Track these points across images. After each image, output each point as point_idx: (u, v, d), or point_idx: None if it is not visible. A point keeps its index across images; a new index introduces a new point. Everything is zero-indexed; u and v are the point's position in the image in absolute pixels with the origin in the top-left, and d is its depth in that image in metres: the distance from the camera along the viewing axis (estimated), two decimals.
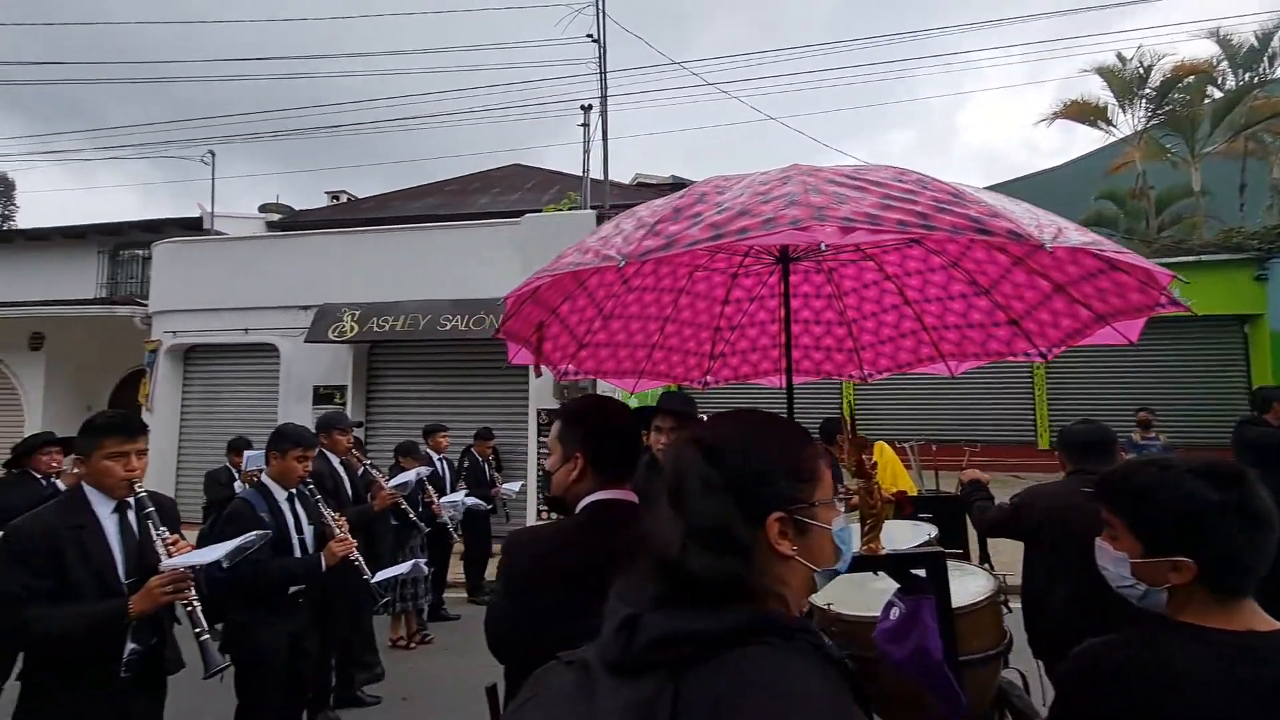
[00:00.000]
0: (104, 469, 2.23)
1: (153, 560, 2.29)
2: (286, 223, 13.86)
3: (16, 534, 2.10)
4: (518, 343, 1.94)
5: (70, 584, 2.09)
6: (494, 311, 7.99)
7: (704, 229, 1.15)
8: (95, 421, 2.32)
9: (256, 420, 8.79)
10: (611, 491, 1.57)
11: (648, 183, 20.68)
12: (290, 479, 3.18)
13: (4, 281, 13.69)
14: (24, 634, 2.01)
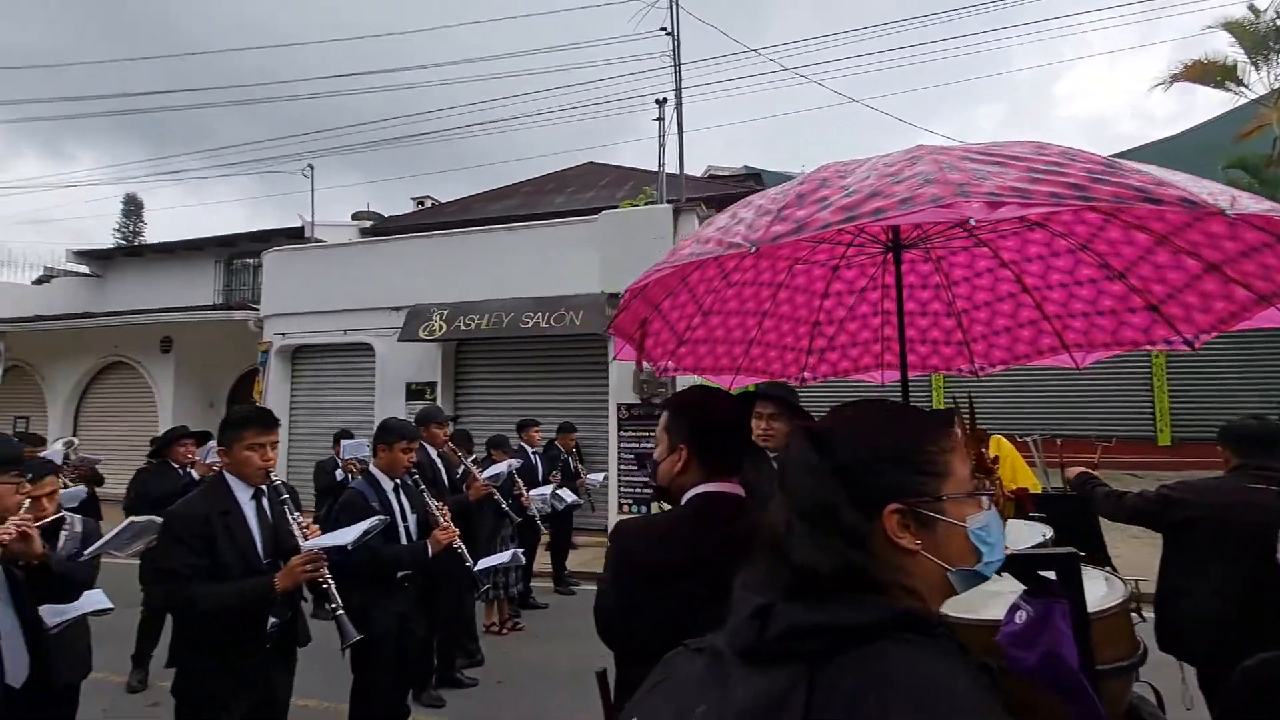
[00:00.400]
0: (244, 459, 2.42)
1: (287, 542, 2.49)
2: (377, 228, 14.64)
3: (177, 519, 2.32)
4: (624, 338, 1.95)
5: (221, 563, 2.30)
6: (573, 308, 8.15)
7: (835, 212, 1.12)
8: (235, 415, 2.52)
9: (356, 414, 9.37)
10: (717, 484, 1.56)
11: (720, 175, 20.48)
12: (396, 469, 3.34)
13: (137, 291, 15.21)
14: (191, 608, 2.23)
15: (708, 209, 8.86)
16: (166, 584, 2.26)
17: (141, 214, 36.12)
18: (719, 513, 1.50)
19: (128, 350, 12.74)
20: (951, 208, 1.01)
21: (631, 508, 8.07)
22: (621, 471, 8.16)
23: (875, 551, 0.76)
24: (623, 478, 8.17)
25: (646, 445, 8.10)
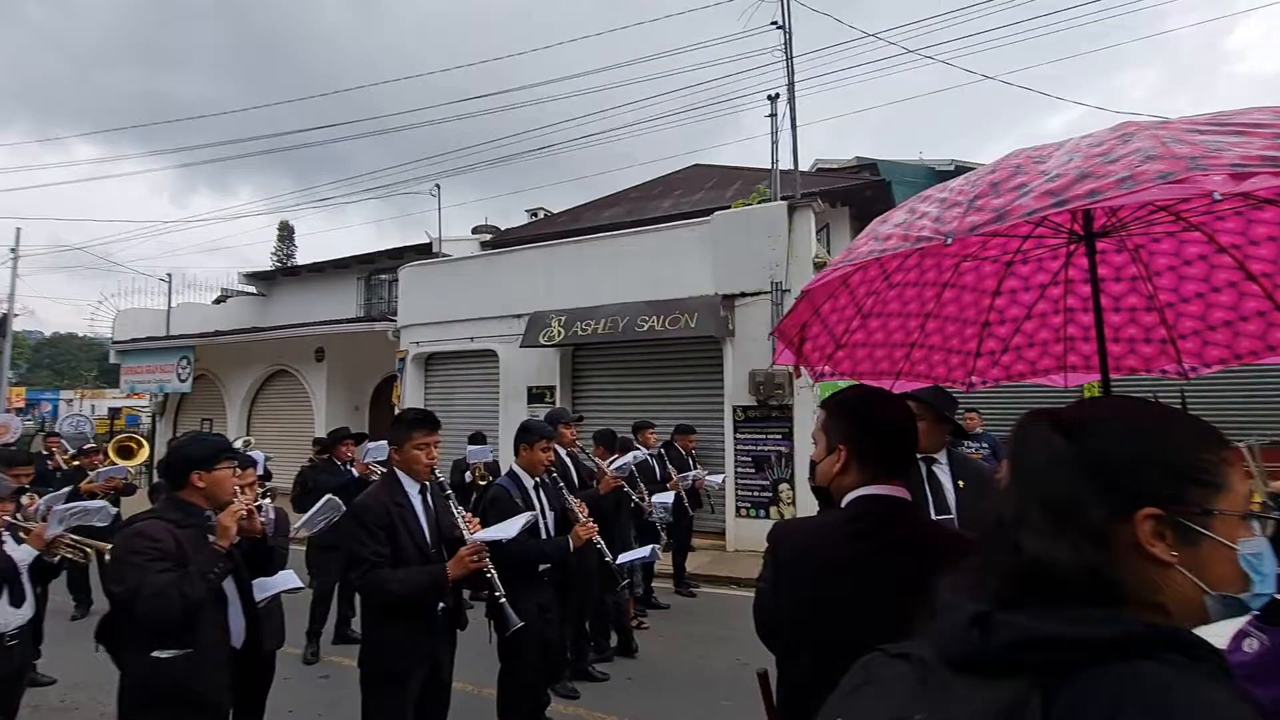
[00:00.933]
0: (413, 457, 2.65)
1: (448, 533, 2.71)
2: (495, 241, 15.50)
3: (364, 510, 2.56)
4: (785, 342, 1.92)
5: (399, 550, 2.53)
6: (688, 310, 8.18)
7: (1039, 198, 1.04)
8: (405, 418, 2.74)
9: (483, 416, 9.95)
10: (880, 487, 1.50)
11: (829, 168, 19.76)
12: (537, 468, 3.50)
13: (295, 306, 17.08)
14: (380, 591, 2.47)
15: (824, 204, 8.58)
16: (359, 569, 2.50)
17: (293, 238, 40.55)
18: (880, 515, 1.45)
19: (289, 360, 14.33)
20: (1185, 183, 0.90)
21: (749, 511, 7.96)
22: (739, 475, 8.08)
23: (1119, 558, 0.68)
24: (740, 481, 8.08)
25: (764, 449, 7.96)
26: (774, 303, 7.98)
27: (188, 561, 2.28)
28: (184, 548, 2.30)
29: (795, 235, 7.99)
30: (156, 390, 15.68)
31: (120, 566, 2.23)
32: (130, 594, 2.17)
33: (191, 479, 2.40)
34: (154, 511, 2.43)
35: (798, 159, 8.90)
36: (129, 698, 2.27)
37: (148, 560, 2.22)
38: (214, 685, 2.35)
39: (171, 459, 2.48)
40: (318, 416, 13.69)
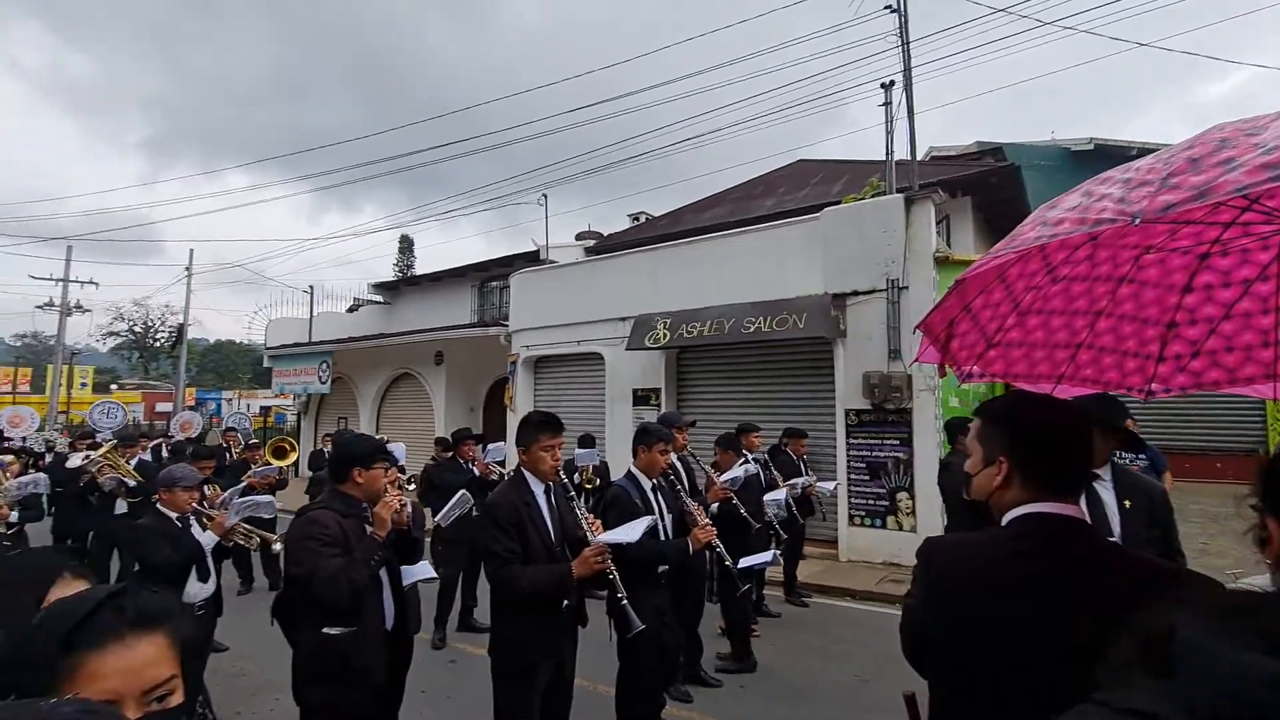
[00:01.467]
0: (539, 458, 2.75)
1: (571, 533, 2.78)
2: (598, 246, 15.85)
3: (496, 508, 2.69)
4: (931, 338, 1.79)
5: (528, 548, 2.63)
6: (796, 311, 7.95)
7: (1251, 172, 0.89)
8: (532, 421, 2.84)
9: (590, 418, 10.19)
10: (1049, 505, 1.35)
11: (945, 155, 18.53)
12: (655, 470, 3.53)
13: (417, 313, 18.35)
14: (511, 586, 2.57)
15: (944, 194, 8.03)
16: (493, 564, 2.62)
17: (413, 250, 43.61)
18: (1047, 534, 1.31)
19: (412, 363, 15.41)
20: None
21: (864, 521, 7.60)
22: (852, 482, 7.73)
23: None
24: (854, 488, 7.74)
25: (880, 455, 7.57)
26: (890, 301, 7.57)
27: (351, 548, 2.49)
28: (348, 535, 2.53)
29: (914, 229, 7.54)
30: (301, 391, 17.39)
31: (298, 550, 2.47)
32: (308, 576, 2.41)
33: (352, 474, 2.65)
34: (322, 502, 2.68)
35: (915, 148, 8.38)
36: (303, 669, 2.51)
37: (320, 545, 2.44)
38: (375, 662, 2.54)
39: (336, 456, 2.74)
40: (437, 416, 14.62)
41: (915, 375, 7.42)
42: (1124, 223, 1.02)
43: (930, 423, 7.32)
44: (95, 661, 0.79)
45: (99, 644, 0.80)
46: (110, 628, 0.81)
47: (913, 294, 7.50)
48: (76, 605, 0.82)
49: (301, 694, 2.54)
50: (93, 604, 0.82)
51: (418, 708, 4.09)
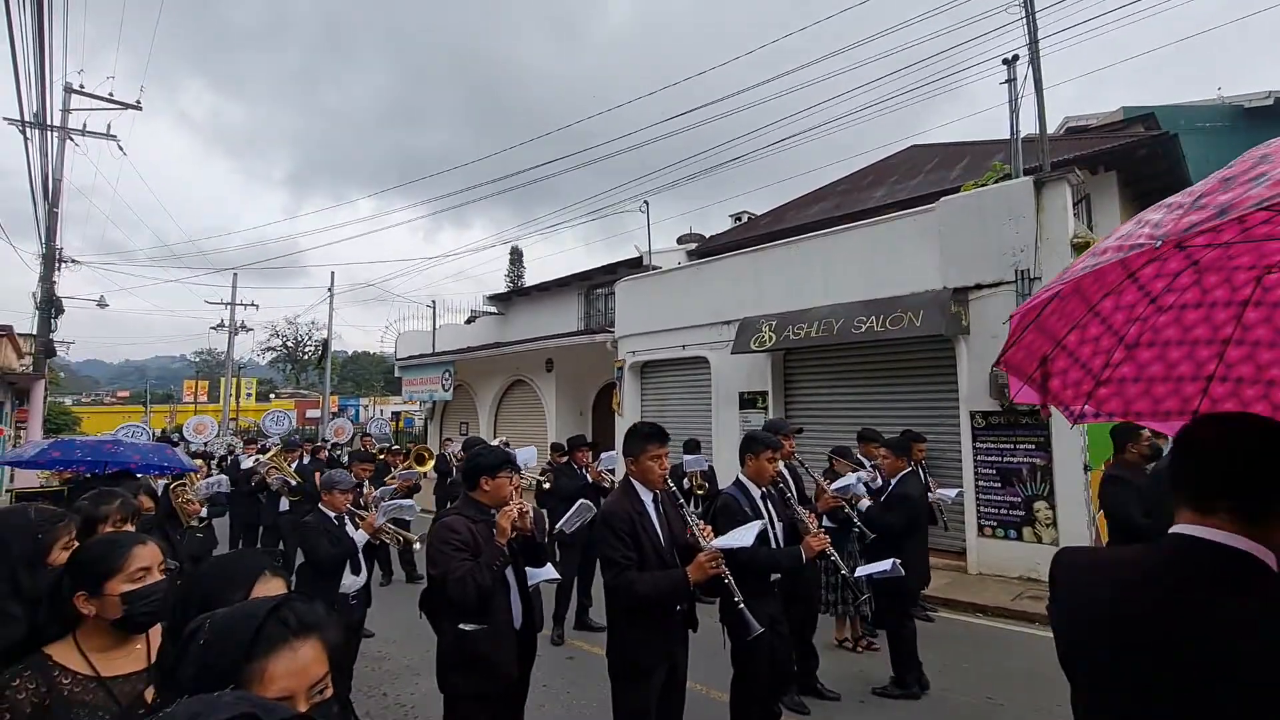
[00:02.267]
0: (648, 468, 2.83)
1: (682, 539, 2.83)
2: (701, 249, 15.85)
3: (612, 517, 2.77)
4: (1019, 377, 1.69)
5: (643, 555, 2.71)
6: (911, 308, 7.53)
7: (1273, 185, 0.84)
8: (640, 431, 2.92)
9: (696, 422, 10.20)
10: (1207, 530, 1.18)
11: (1082, 126, 16.79)
12: (763, 478, 3.49)
13: (528, 322, 19.25)
14: (629, 592, 2.66)
15: (1081, 173, 7.28)
16: (612, 570, 2.72)
17: (522, 261, 45.76)
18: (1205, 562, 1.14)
19: (524, 370, 16.18)
20: None
21: (996, 531, 7.04)
22: (980, 489, 7.19)
23: None
24: (982, 496, 7.19)
25: (1013, 460, 6.99)
26: (1019, 293, 6.98)
27: (480, 551, 2.70)
28: (477, 539, 2.73)
29: (1046, 215, 6.90)
30: (427, 398, 18.78)
31: (434, 552, 2.70)
32: (441, 578, 2.65)
33: (480, 482, 2.86)
34: (456, 508, 2.92)
35: (1044, 124, 7.64)
36: (445, 659, 2.78)
37: (453, 550, 2.66)
38: (506, 657, 2.75)
39: (468, 465, 2.97)
40: (549, 421, 15.24)
41: None
42: (1149, 247, 0.99)
43: (1069, 427, 6.66)
44: (271, 666, 0.92)
45: (272, 651, 0.93)
46: (280, 637, 0.94)
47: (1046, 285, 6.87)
48: (245, 619, 0.95)
49: (444, 680, 2.81)
50: (260, 618, 0.95)
51: (539, 701, 4.30)
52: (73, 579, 1.49)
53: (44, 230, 14.00)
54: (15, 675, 1.38)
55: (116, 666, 1.50)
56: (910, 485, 4.63)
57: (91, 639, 1.49)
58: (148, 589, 1.53)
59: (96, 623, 1.49)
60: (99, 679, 1.46)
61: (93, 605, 1.48)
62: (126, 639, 1.54)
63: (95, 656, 1.48)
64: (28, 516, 1.80)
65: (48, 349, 14.62)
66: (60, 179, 14.01)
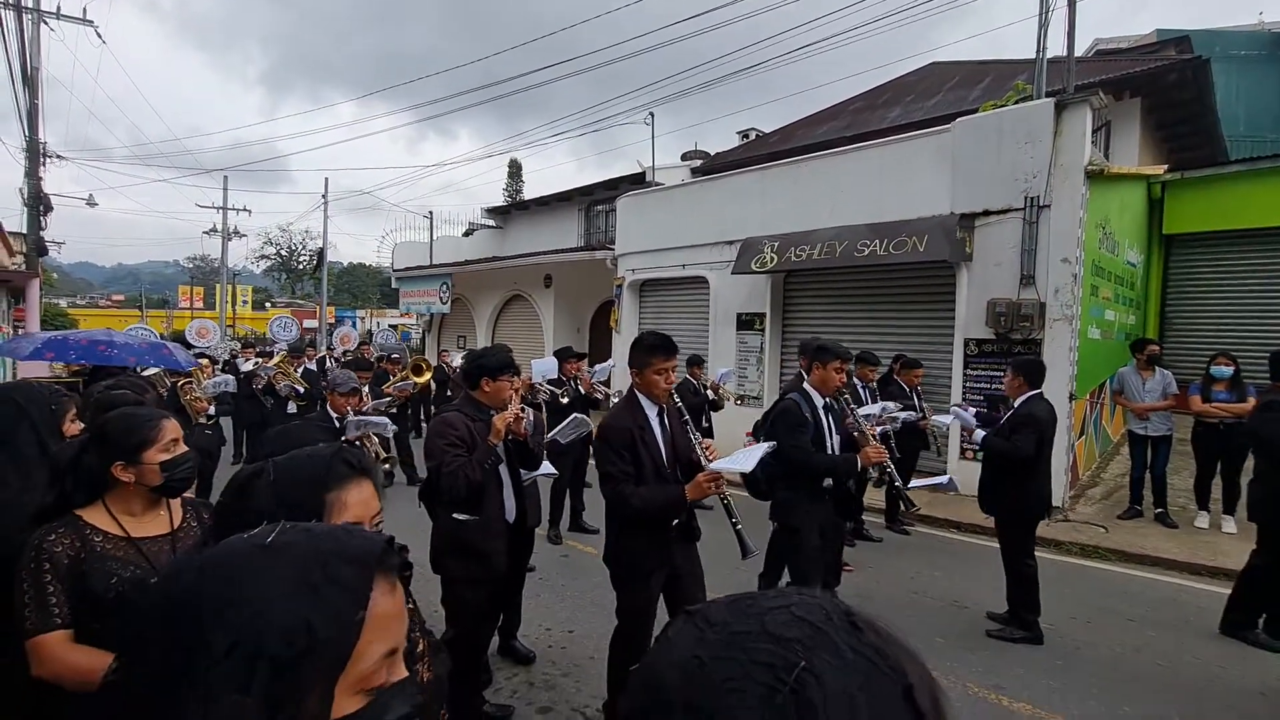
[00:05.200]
0: (652, 381, 2.77)
1: (683, 455, 2.84)
2: (706, 167, 15.39)
3: (610, 431, 2.78)
4: None
5: (640, 469, 2.74)
6: (916, 233, 7.42)
7: None
8: (645, 343, 2.81)
9: (693, 341, 10.27)
10: None
11: (1113, 49, 15.95)
12: (828, 387, 3.47)
13: (527, 237, 18.95)
14: (625, 505, 2.73)
15: (1105, 97, 6.99)
16: (607, 484, 2.76)
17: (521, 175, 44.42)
18: None
19: (523, 286, 16.09)
20: None
21: (977, 454, 7.27)
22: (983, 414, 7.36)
23: None
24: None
25: (999, 387, 7.12)
26: (1026, 220, 6.86)
27: (477, 446, 2.82)
28: (474, 435, 2.85)
29: (1063, 139, 6.68)
30: (425, 310, 18.76)
31: (430, 445, 2.85)
32: (435, 469, 2.78)
33: (481, 383, 2.94)
34: (456, 405, 3.03)
35: (1073, 43, 7.23)
36: (438, 544, 2.99)
37: (447, 444, 2.77)
38: (496, 547, 2.92)
39: (470, 365, 3.03)
40: (546, 337, 15.31)
41: (1050, 303, 6.80)
42: None
43: (1065, 354, 6.75)
44: (344, 495, 1.07)
45: (343, 484, 1.07)
46: (348, 474, 1.09)
47: (1056, 213, 6.75)
48: (313, 460, 1.09)
49: (438, 564, 3.00)
50: (328, 458, 1.10)
51: (535, 591, 4.59)
52: (107, 449, 1.56)
53: (25, 121, 13.47)
54: (51, 531, 1.48)
55: (145, 529, 1.60)
56: (1037, 407, 4.11)
57: (120, 504, 1.58)
58: (181, 457, 1.63)
59: (128, 489, 1.58)
60: (129, 538, 1.56)
61: (130, 473, 1.57)
62: (153, 505, 1.63)
63: (125, 519, 1.58)
64: (38, 388, 1.88)
65: (39, 247, 14.40)
66: (38, 67, 13.32)
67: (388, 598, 0.60)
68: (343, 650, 0.55)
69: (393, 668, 0.61)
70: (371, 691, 0.58)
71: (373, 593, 0.58)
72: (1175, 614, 4.58)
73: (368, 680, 0.57)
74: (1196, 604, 4.75)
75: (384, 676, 0.59)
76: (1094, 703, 3.39)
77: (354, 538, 0.63)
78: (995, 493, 4.17)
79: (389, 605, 0.60)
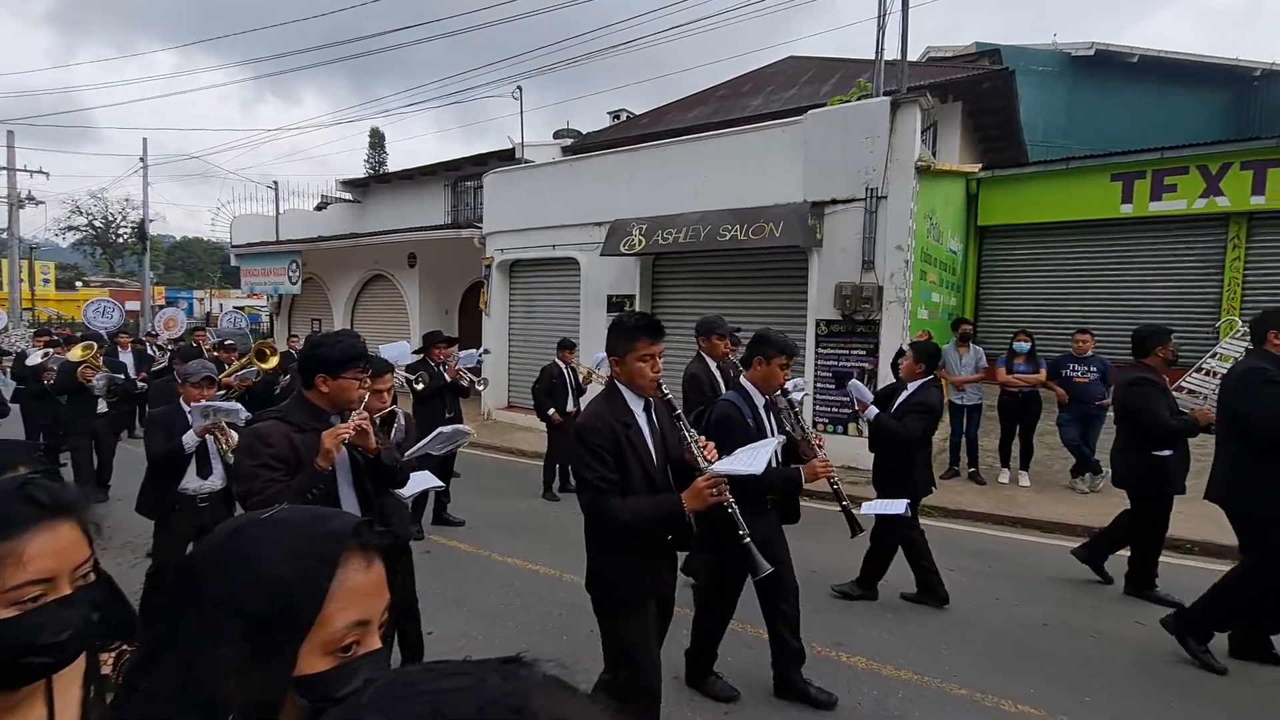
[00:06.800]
0: (637, 370, 2.30)
1: (674, 454, 2.42)
2: (576, 146, 15.20)
3: (589, 432, 2.29)
4: None
5: (627, 475, 2.28)
6: (773, 219, 7.81)
7: None
8: (627, 324, 2.34)
9: (564, 323, 10.18)
10: None
11: (942, 56, 17.66)
12: (772, 385, 3.05)
13: (389, 213, 17.73)
14: (610, 520, 2.26)
15: (932, 99, 7.72)
16: (587, 494, 2.31)
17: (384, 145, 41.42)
18: None
19: (384, 265, 15.07)
20: None
21: (828, 428, 7.88)
22: (818, 390, 7.95)
23: None
24: (819, 396, 7.96)
25: (847, 365, 7.74)
26: (867, 210, 7.45)
27: (303, 466, 2.22)
28: (300, 453, 2.24)
29: (897, 136, 7.30)
30: (272, 291, 17.03)
31: (239, 467, 2.27)
32: (243, 497, 2.23)
33: (317, 381, 2.31)
34: (276, 411, 2.39)
35: (906, 48, 7.93)
36: None
37: (258, 465, 2.19)
38: None
39: (303, 357, 2.39)
40: (412, 319, 14.50)
41: (886, 287, 7.46)
42: None
43: (897, 333, 7.44)
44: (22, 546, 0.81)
45: (21, 530, 0.81)
46: (28, 518, 0.82)
47: (892, 204, 7.39)
48: None
49: None
50: (5, 492, 0.83)
51: None
52: None
53: None
54: None
55: None
56: (930, 394, 4.19)
57: None
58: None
59: None
60: None
61: None
62: None
63: None
64: None
65: None
66: None
67: (362, 572, 0.66)
68: (312, 612, 0.62)
69: (365, 638, 0.66)
70: (340, 655, 0.64)
71: (347, 566, 0.65)
72: (983, 563, 5.24)
73: (335, 643, 0.63)
74: (1002, 551, 5.48)
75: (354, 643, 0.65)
76: (917, 651, 3.80)
77: (335, 517, 0.70)
78: (881, 472, 4.33)
79: (362, 579, 0.66)
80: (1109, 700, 3.27)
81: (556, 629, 4.06)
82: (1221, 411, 3.66)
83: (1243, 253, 9.31)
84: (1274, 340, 3.48)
